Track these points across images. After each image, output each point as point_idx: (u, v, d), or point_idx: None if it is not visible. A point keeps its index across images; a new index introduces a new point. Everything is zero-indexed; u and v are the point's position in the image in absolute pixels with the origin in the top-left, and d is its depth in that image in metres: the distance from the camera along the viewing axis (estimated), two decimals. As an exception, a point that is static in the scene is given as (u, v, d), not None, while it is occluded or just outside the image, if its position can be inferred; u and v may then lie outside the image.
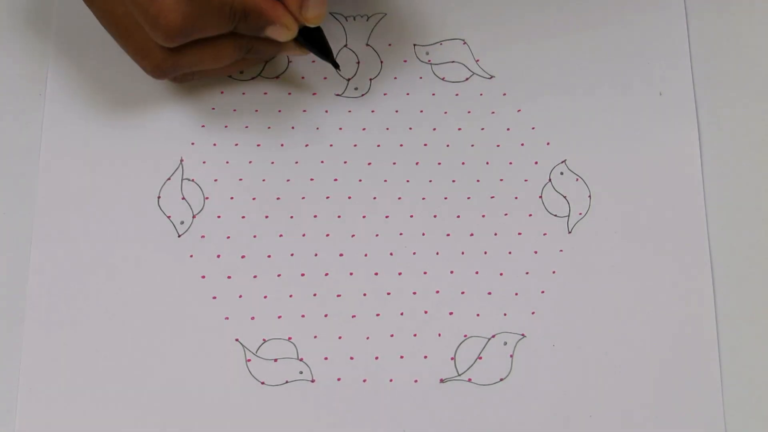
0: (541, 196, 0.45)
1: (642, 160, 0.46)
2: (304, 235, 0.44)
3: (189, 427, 0.41)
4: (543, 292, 0.44)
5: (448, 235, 0.45)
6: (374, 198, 0.45)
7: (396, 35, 0.48)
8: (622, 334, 0.43)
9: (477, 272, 0.44)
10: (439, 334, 0.43)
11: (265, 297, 0.43)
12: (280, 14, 0.41)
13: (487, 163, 0.46)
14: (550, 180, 0.46)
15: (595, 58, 0.47)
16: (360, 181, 0.45)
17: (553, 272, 0.44)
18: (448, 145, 0.46)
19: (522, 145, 0.46)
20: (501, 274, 0.44)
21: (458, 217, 0.45)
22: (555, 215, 0.45)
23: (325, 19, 0.42)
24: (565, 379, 0.43)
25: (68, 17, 0.47)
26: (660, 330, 0.43)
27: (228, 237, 0.44)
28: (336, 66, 0.46)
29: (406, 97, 0.47)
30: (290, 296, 0.43)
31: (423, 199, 0.45)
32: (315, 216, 0.45)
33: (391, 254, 0.44)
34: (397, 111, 0.47)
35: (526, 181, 0.46)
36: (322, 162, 0.46)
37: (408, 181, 0.45)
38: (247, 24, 0.41)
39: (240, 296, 0.43)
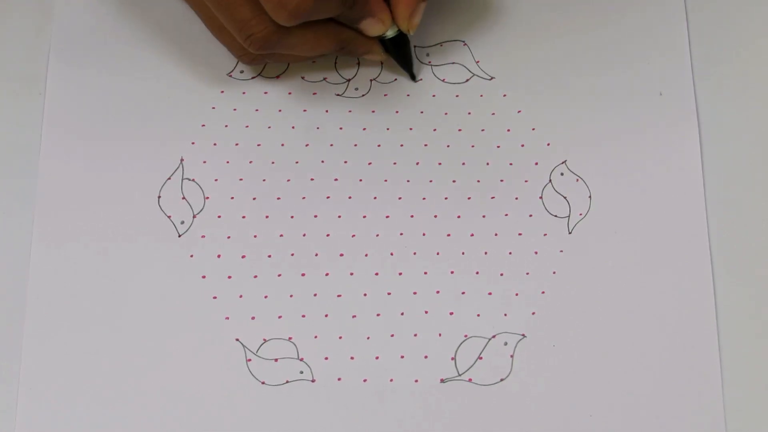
0: (541, 197, 0.45)
1: (642, 160, 0.46)
2: (304, 235, 0.44)
3: (189, 427, 0.41)
4: (543, 292, 0.44)
5: (448, 235, 0.45)
6: (374, 198, 0.45)
7: (396, 36, 0.48)
8: (622, 334, 0.43)
9: (477, 272, 0.44)
10: (440, 334, 0.43)
11: (266, 297, 0.43)
12: (380, 9, 0.43)
13: (488, 163, 0.46)
14: (550, 180, 0.46)
15: (595, 59, 0.48)
16: (360, 181, 0.45)
17: (554, 273, 0.44)
18: (448, 146, 0.46)
19: (522, 145, 0.46)
20: (501, 275, 0.44)
21: (458, 217, 0.45)
22: (555, 216, 0.45)
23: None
24: (565, 379, 0.43)
25: (68, 17, 0.47)
26: (660, 330, 0.43)
27: (228, 237, 0.44)
28: (413, 77, 0.47)
29: (406, 97, 0.47)
30: (290, 296, 0.43)
31: (423, 199, 0.45)
32: (315, 216, 0.45)
33: (392, 254, 0.44)
34: (397, 111, 0.47)
35: (526, 181, 0.46)
36: (322, 162, 0.46)
37: (408, 181, 0.45)
38: (351, 11, 0.42)
39: (240, 296, 0.43)
